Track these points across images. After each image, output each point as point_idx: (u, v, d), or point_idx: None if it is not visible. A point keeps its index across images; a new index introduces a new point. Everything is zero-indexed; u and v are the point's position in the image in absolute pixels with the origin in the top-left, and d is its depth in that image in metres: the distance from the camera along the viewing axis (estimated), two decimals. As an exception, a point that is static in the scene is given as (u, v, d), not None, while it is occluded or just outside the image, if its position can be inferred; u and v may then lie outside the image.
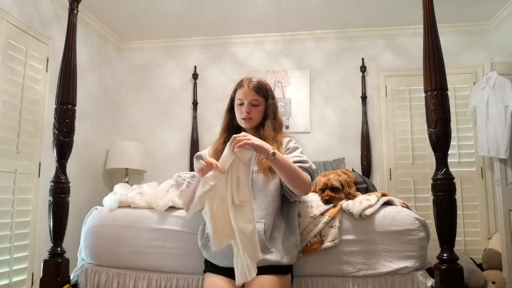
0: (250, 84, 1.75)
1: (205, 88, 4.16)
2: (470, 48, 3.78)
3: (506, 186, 3.03)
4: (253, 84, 1.76)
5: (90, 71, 3.78)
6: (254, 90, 1.74)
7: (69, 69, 1.89)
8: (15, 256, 2.68)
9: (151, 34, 4.12)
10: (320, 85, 4.00)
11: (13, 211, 2.67)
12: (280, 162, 1.52)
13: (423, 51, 1.70)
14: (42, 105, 3.00)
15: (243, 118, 1.75)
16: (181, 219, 1.88)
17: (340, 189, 1.90)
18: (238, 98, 1.76)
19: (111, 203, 2.02)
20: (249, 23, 3.85)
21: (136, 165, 3.75)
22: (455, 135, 3.59)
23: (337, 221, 1.78)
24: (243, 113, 1.74)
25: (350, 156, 3.74)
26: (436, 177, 1.62)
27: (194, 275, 1.81)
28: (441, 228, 1.59)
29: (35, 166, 2.92)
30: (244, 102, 1.74)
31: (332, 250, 1.75)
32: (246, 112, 1.73)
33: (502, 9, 3.45)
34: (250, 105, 1.74)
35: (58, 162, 1.85)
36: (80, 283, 1.89)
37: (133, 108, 4.25)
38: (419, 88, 3.53)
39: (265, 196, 1.64)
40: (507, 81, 3.03)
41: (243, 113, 1.73)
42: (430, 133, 1.64)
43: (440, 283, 1.54)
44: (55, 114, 1.86)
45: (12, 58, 2.72)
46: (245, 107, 1.73)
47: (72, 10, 1.94)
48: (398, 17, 3.69)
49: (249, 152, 1.49)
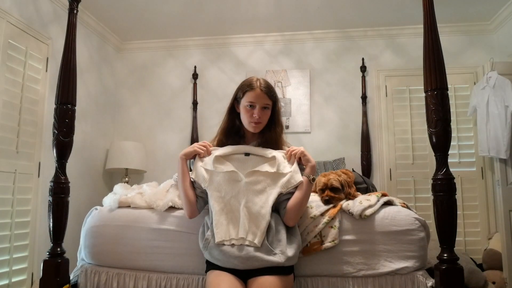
0: (262, 87, 1.71)
1: (205, 88, 4.16)
2: (470, 48, 3.78)
3: (506, 186, 3.03)
4: (265, 87, 1.72)
5: (90, 71, 3.78)
6: (267, 94, 1.71)
7: (69, 69, 1.89)
8: (15, 256, 2.67)
9: (151, 34, 4.12)
10: (320, 85, 4.00)
11: (12, 211, 2.67)
12: (309, 189, 1.66)
13: (423, 51, 1.70)
14: (42, 105, 3.00)
15: (254, 122, 1.71)
16: (181, 219, 1.88)
17: (340, 189, 1.90)
18: (249, 100, 1.70)
19: (111, 203, 2.02)
20: (249, 23, 3.85)
21: (136, 165, 3.75)
22: (455, 135, 3.59)
23: (337, 221, 1.78)
24: (254, 117, 1.69)
25: (350, 156, 3.74)
26: (436, 177, 1.62)
27: (194, 275, 1.80)
28: (441, 228, 1.59)
29: (35, 166, 2.92)
30: (256, 105, 1.70)
31: (332, 250, 1.75)
32: (258, 116, 1.69)
33: (502, 9, 3.45)
34: (261, 109, 1.70)
35: (58, 162, 1.85)
36: (80, 283, 1.89)
37: (133, 108, 4.25)
38: (419, 88, 3.53)
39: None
40: (507, 81, 3.03)
41: (255, 117, 1.69)
42: (430, 133, 1.64)
43: (440, 283, 1.54)
44: (55, 114, 1.86)
45: (12, 58, 2.72)
46: (257, 111, 1.69)
47: (72, 10, 1.94)
48: (398, 17, 3.69)
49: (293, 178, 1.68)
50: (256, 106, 1.70)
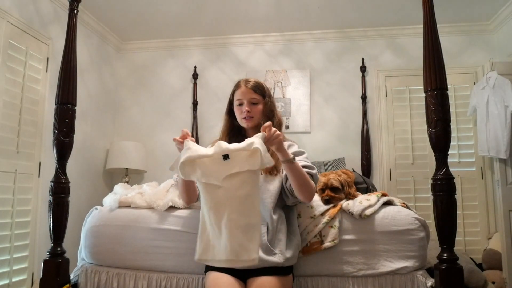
0: (247, 83, 1.79)
1: (205, 88, 4.16)
2: (470, 48, 3.78)
3: (506, 186, 3.03)
4: (250, 83, 1.79)
5: (90, 71, 3.78)
6: (252, 89, 1.77)
7: (69, 69, 1.89)
8: (15, 256, 2.67)
9: (151, 34, 4.12)
10: (320, 85, 4.00)
11: (13, 211, 2.67)
12: (297, 167, 1.54)
13: (423, 51, 1.70)
14: (42, 105, 3.00)
15: (244, 118, 1.76)
16: (181, 219, 1.88)
17: (340, 189, 1.90)
18: (237, 98, 1.79)
19: (111, 203, 2.02)
20: (249, 23, 3.85)
21: (136, 165, 3.75)
22: (455, 135, 3.59)
23: (337, 221, 1.78)
24: (243, 113, 1.76)
25: (350, 156, 3.74)
26: (436, 177, 1.62)
27: (194, 275, 1.80)
28: (441, 228, 1.59)
29: (35, 166, 2.92)
30: (243, 101, 1.77)
31: (332, 250, 1.75)
32: (246, 111, 1.75)
33: (502, 9, 3.45)
34: (249, 104, 1.76)
35: (58, 162, 1.85)
36: (80, 283, 1.89)
37: (133, 108, 4.25)
38: (419, 88, 3.53)
39: (265, 197, 1.64)
40: (507, 81, 3.03)
41: (244, 112, 1.75)
42: (430, 133, 1.64)
43: (440, 283, 1.54)
44: (55, 114, 1.86)
45: (12, 58, 2.72)
46: (245, 106, 1.76)
47: (72, 10, 1.94)
48: (398, 17, 3.69)
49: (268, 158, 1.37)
50: (244, 102, 1.76)
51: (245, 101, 1.76)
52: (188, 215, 1.89)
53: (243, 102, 1.77)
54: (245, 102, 1.76)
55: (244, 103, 1.76)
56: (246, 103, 1.76)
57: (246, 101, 1.76)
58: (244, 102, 1.76)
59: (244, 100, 1.77)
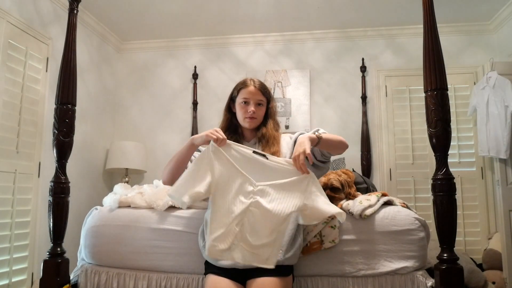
0: (255, 84, 1.78)
1: (205, 88, 4.16)
2: (470, 48, 3.78)
3: (506, 186, 3.03)
4: (259, 84, 1.79)
5: (90, 71, 3.78)
6: (260, 91, 1.77)
7: (69, 69, 1.89)
8: (15, 256, 2.67)
9: (151, 34, 4.12)
10: (320, 85, 4.00)
11: (13, 211, 2.67)
12: (325, 136, 1.67)
13: (423, 51, 1.70)
14: (42, 105, 3.00)
15: (249, 117, 1.75)
16: (181, 219, 1.88)
17: (340, 189, 1.90)
18: (243, 97, 1.76)
19: (111, 203, 2.02)
20: (249, 23, 3.85)
21: (136, 165, 3.75)
22: (455, 135, 3.59)
23: (337, 221, 1.78)
24: (249, 112, 1.74)
25: (350, 156, 3.73)
26: (436, 177, 1.62)
27: (194, 275, 1.80)
28: (441, 228, 1.59)
29: (35, 166, 2.92)
30: (250, 101, 1.75)
31: (332, 250, 1.75)
32: (252, 111, 1.74)
33: (502, 9, 3.45)
34: (256, 105, 1.75)
35: (58, 162, 1.85)
36: (80, 283, 1.89)
37: (133, 108, 4.25)
38: (419, 88, 3.53)
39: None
40: (507, 81, 3.03)
41: (249, 112, 1.74)
42: (430, 133, 1.64)
43: (440, 283, 1.54)
44: (55, 114, 1.86)
45: (12, 58, 2.72)
46: (251, 106, 1.74)
47: (72, 10, 1.94)
48: (398, 17, 3.69)
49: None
50: (250, 102, 1.75)
51: (251, 101, 1.75)
52: (188, 215, 1.89)
53: (249, 102, 1.75)
54: (251, 102, 1.75)
55: (251, 103, 1.75)
56: (253, 103, 1.75)
57: (252, 101, 1.75)
58: (251, 102, 1.75)
59: (251, 100, 1.75)
